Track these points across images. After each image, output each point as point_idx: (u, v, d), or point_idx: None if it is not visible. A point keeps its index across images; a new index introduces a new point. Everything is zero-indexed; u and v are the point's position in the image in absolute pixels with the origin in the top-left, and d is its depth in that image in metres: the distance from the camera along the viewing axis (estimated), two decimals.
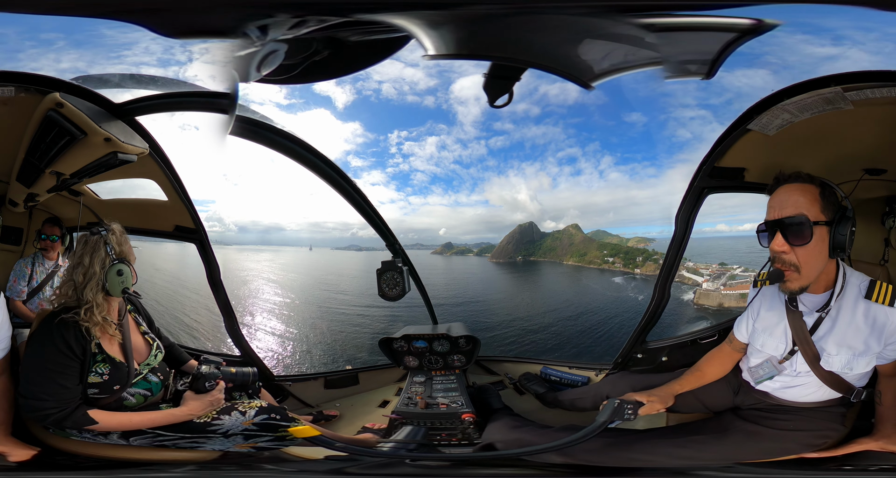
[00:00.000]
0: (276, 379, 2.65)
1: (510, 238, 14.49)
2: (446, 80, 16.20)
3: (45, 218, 2.60)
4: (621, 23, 1.63)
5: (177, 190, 2.30)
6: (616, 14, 1.62)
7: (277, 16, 1.63)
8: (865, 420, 1.68)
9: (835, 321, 1.59)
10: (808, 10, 1.57)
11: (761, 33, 1.57)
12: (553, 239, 13.64)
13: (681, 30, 1.64)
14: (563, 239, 13.38)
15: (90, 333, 1.68)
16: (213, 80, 1.94)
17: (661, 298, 2.32)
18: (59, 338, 1.63)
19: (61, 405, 1.61)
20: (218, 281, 2.52)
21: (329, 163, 2.32)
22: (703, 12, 1.59)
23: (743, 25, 1.57)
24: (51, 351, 1.62)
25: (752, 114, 1.84)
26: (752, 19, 1.55)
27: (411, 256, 2.76)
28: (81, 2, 1.64)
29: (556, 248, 13.40)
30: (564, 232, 13.57)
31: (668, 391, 1.88)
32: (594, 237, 12.81)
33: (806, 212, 1.51)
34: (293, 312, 10.30)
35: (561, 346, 7.98)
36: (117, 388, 1.73)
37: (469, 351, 2.75)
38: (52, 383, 1.61)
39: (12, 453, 1.66)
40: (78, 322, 1.66)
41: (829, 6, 1.54)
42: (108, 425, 1.68)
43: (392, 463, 1.83)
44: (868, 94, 1.62)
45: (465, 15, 1.66)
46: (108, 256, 1.71)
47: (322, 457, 1.83)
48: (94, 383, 1.69)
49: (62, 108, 1.75)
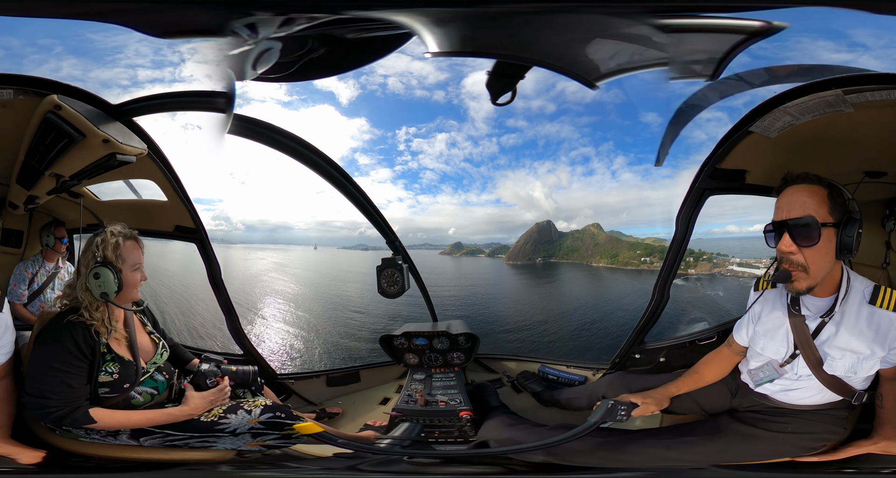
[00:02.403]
0: (278, 377, 2.68)
1: (527, 237, 13.55)
2: (458, 74, 14.96)
3: (49, 221, 2.60)
4: (627, 22, 1.62)
5: (176, 190, 2.30)
6: (622, 14, 1.60)
7: (259, 14, 1.62)
8: (866, 423, 1.68)
9: (839, 326, 1.59)
10: (816, 13, 1.55)
11: (769, 36, 1.56)
12: (574, 239, 12.75)
13: (687, 31, 1.62)
14: (584, 239, 12.53)
15: (98, 333, 1.70)
16: (208, 79, 1.93)
17: (661, 298, 2.33)
18: (69, 338, 1.65)
19: (64, 404, 1.62)
20: (219, 281, 2.53)
21: (327, 159, 2.32)
22: (710, 14, 1.58)
23: (751, 28, 1.55)
24: (59, 351, 1.64)
25: (753, 116, 1.83)
26: (760, 21, 1.53)
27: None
28: (66, 4, 1.63)
29: (578, 248, 12.57)
30: (585, 232, 12.76)
31: (663, 393, 1.89)
32: (613, 237, 12.07)
33: (814, 213, 1.51)
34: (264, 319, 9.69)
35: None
36: (127, 386, 1.75)
37: (468, 349, 2.77)
38: (58, 383, 1.63)
39: (19, 456, 1.68)
40: (86, 323, 1.69)
41: (837, 9, 1.52)
42: (108, 424, 1.69)
43: (393, 460, 1.86)
44: (868, 97, 1.61)
45: (469, 12, 1.64)
46: (93, 258, 1.72)
47: (331, 454, 1.85)
48: (105, 382, 1.71)
49: (60, 111, 1.75)
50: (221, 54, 1.78)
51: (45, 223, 2.60)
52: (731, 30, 1.58)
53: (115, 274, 1.71)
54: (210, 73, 1.90)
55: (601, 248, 12.23)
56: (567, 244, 12.99)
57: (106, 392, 1.72)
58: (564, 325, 9.32)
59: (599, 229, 12.61)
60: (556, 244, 13.11)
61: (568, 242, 12.99)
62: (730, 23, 1.57)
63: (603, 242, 12.24)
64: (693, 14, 1.60)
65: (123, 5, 1.63)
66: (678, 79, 1.80)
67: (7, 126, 1.84)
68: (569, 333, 8.88)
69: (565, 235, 13.08)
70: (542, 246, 13.18)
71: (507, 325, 9.39)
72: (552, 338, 8.67)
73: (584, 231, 12.73)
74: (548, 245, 13.14)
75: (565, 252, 12.93)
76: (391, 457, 1.89)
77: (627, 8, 1.60)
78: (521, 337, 8.63)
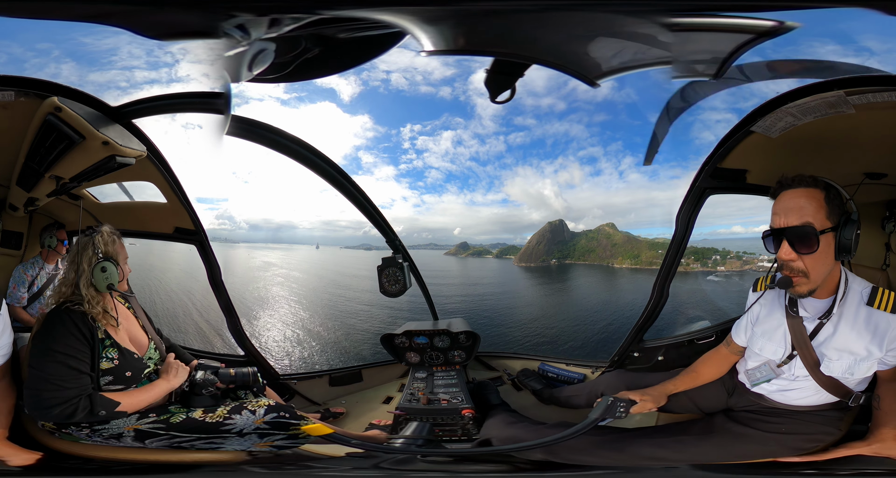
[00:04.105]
0: (281, 378, 2.69)
1: (540, 237, 12.26)
2: (466, 69, 14.01)
3: (50, 223, 2.59)
4: (632, 20, 1.61)
5: (176, 192, 2.30)
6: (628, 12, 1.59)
7: (243, 15, 1.61)
8: (862, 425, 1.68)
9: (836, 327, 1.60)
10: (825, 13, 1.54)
11: (776, 36, 1.54)
12: (588, 239, 11.79)
13: (694, 30, 1.61)
14: (599, 239, 11.63)
15: (95, 320, 1.74)
16: (206, 80, 1.93)
17: (660, 297, 2.34)
18: (70, 323, 1.69)
19: (82, 390, 1.63)
20: (219, 281, 2.54)
21: (326, 159, 2.32)
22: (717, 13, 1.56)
23: (758, 27, 1.54)
24: (62, 336, 1.67)
25: (755, 116, 1.83)
26: (768, 21, 1.52)
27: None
28: (59, 5, 1.62)
29: (594, 249, 11.56)
30: (600, 232, 11.69)
31: (661, 391, 1.90)
32: (630, 237, 11.23)
33: (812, 219, 1.49)
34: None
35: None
36: (129, 374, 1.77)
37: (469, 347, 2.78)
38: (68, 369, 1.63)
39: (12, 458, 1.66)
40: (84, 311, 1.73)
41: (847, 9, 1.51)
42: (128, 404, 1.72)
43: (408, 459, 1.86)
44: (870, 98, 1.61)
45: (465, 9, 1.63)
46: (95, 254, 1.79)
47: (343, 454, 1.86)
48: (107, 369, 1.73)
49: (61, 113, 1.75)
50: (217, 55, 1.78)
51: (46, 225, 2.59)
52: (737, 29, 1.56)
53: (116, 267, 1.81)
54: (207, 74, 1.89)
55: (619, 248, 11.30)
56: (581, 245, 11.91)
57: (109, 381, 1.74)
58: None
59: (614, 229, 11.62)
60: (570, 245, 12.02)
61: (582, 242, 11.94)
62: (736, 22, 1.55)
63: (621, 243, 11.34)
64: (697, 13, 1.58)
65: (119, 7, 1.62)
66: (681, 78, 1.80)
67: (7, 128, 1.84)
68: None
69: (578, 236, 12.10)
70: (556, 246, 12.09)
71: (557, 348, 7.30)
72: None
73: (597, 231, 11.74)
74: (561, 245, 12.06)
75: (581, 253, 11.82)
76: (405, 456, 1.89)
77: (637, 6, 1.57)
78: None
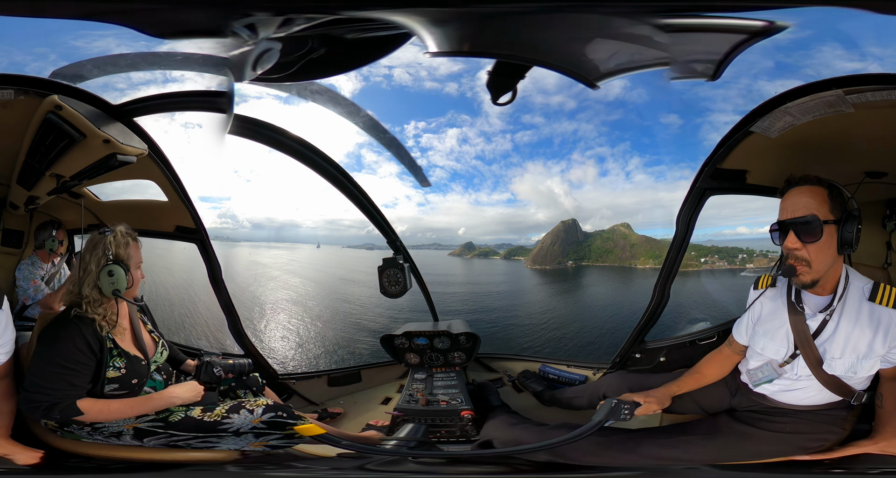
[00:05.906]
0: (279, 377, 2.68)
1: (554, 237, 11.42)
2: (473, 65, 13.46)
3: (46, 221, 2.58)
4: (628, 22, 1.62)
5: (177, 190, 2.30)
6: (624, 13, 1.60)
7: (258, 14, 1.62)
8: (865, 424, 1.69)
9: (838, 324, 1.61)
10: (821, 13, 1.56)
11: (772, 36, 1.56)
12: (603, 239, 11.13)
13: (689, 30, 1.63)
14: (616, 239, 11.04)
15: (101, 328, 1.71)
16: (206, 79, 1.93)
17: (661, 298, 2.34)
18: (78, 335, 1.66)
19: (58, 399, 1.61)
20: (219, 280, 2.54)
21: (326, 158, 2.32)
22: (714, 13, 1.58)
23: (753, 27, 1.56)
24: (69, 348, 1.64)
25: (754, 116, 1.83)
26: (762, 21, 1.54)
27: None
28: (59, 4, 1.62)
29: (612, 249, 10.92)
30: (615, 232, 11.11)
31: (665, 392, 1.90)
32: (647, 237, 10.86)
33: (816, 212, 1.58)
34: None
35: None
36: (135, 381, 1.76)
37: (469, 348, 2.77)
38: (62, 381, 1.63)
39: (19, 456, 1.67)
40: (94, 319, 1.70)
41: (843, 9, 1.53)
42: (93, 415, 1.66)
43: (397, 460, 1.86)
44: (869, 98, 1.62)
45: (468, 12, 1.64)
46: (105, 256, 1.75)
47: (335, 454, 1.85)
48: (113, 378, 1.72)
49: (61, 111, 1.75)
50: (221, 55, 1.78)
51: (41, 223, 2.57)
52: (733, 30, 1.58)
53: (126, 272, 1.76)
54: (208, 73, 1.90)
55: (638, 248, 10.72)
56: (597, 245, 11.18)
57: (114, 389, 1.72)
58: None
59: (630, 230, 10.99)
60: (584, 245, 11.29)
61: (597, 242, 11.21)
62: (732, 23, 1.57)
63: (639, 243, 10.77)
64: (695, 14, 1.60)
65: (124, 5, 1.63)
66: (679, 79, 1.81)
67: (8, 126, 1.84)
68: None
69: (592, 236, 11.37)
70: (570, 247, 11.33)
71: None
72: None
73: (612, 231, 11.14)
74: (575, 246, 11.33)
75: (598, 254, 11.05)
76: (395, 457, 1.89)
77: (629, 7, 1.60)
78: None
